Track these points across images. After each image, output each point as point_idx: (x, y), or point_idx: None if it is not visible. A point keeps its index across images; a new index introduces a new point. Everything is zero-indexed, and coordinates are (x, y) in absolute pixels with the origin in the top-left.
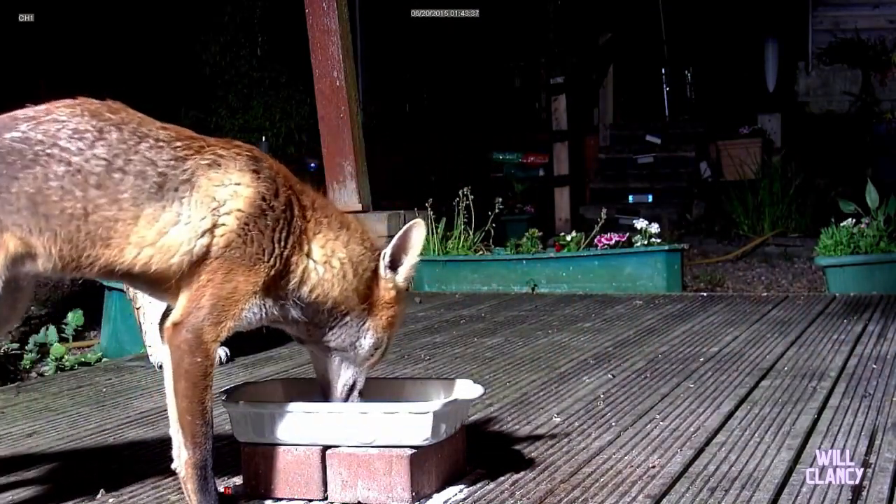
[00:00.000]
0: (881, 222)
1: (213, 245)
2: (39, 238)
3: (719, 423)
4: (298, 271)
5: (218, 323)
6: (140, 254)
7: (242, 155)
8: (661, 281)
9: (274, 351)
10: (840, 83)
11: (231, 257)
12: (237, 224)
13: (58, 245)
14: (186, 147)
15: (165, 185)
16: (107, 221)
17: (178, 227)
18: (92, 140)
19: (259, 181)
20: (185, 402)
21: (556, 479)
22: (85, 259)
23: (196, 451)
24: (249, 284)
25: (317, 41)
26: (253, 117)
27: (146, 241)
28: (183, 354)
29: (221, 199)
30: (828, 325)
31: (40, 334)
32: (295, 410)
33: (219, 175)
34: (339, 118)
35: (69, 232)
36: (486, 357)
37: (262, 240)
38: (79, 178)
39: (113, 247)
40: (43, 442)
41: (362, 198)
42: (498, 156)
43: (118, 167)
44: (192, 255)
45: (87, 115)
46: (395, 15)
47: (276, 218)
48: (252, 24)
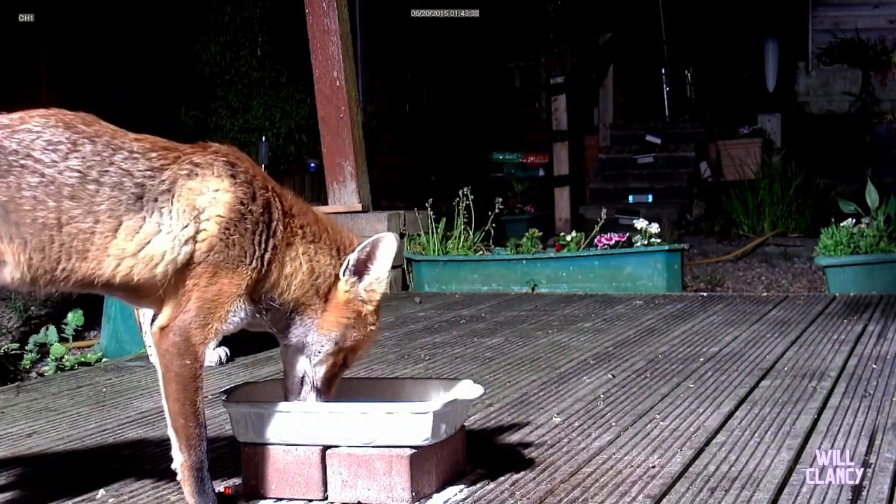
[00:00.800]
0: (881, 222)
1: (197, 251)
2: (9, 245)
3: (719, 423)
4: (273, 277)
5: (205, 325)
6: (120, 265)
7: (219, 161)
8: (661, 281)
9: (274, 351)
10: (840, 83)
11: (214, 261)
12: (218, 229)
13: (27, 253)
14: (162, 157)
15: (144, 196)
16: (82, 233)
17: (160, 236)
18: (66, 152)
19: (236, 185)
20: (177, 406)
21: (556, 479)
22: (60, 272)
23: (191, 453)
24: (234, 286)
25: (317, 41)
26: (253, 117)
27: (127, 252)
28: (172, 358)
29: (202, 207)
30: (828, 325)
31: (40, 334)
32: (295, 410)
33: (197, 184)
34: (339, 118)
35: (41, 241)
36: (486, 357)
37: (244, 242)
38: (52, 188)
39: (90, 259)
40: (43, 442)
41: (362, 198)
42: (498, 156)
43: (93, 178)
44: (177, 263)
45: (62, 126)
46: (395, 15)
47: (256, 221)
48: (252, 24)
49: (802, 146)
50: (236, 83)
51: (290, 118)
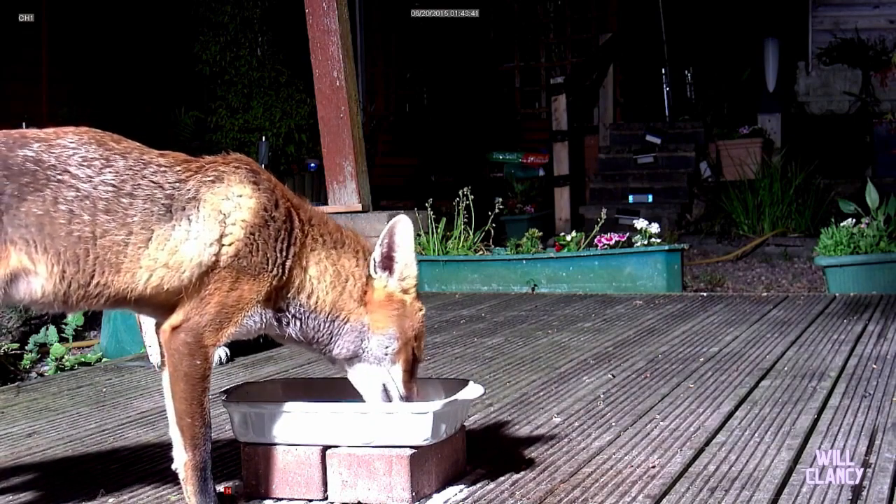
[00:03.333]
0: (881, 222)
1: (222, 255)
2: (43, 256)
3: (719, 423)
4: (296, 283)
5: (220, 329)
6: (152, 276)
7: (241, 168)
8: (661, 281)
9: (274, 351)
10: (840, 83)
11: (238, 266)
12: (244, 233)
13: (60, 266)
14: (186, 169)
15: (173, 206)
16: (116, 245)
17: (188, 243)
18: (100, 167)
19: (260, 192)
20: (183, 405)
21: (556, 479)
22: (94, 287)
23: (195, 452)
24: (253, 293)
25: (317, 41)
26: (253, 117)
27: (158, 262)
28: (182, 357)
29: (227, 211)
30: (828, 325)
31: (40, 334)
32: (295, 410)
33: (222, 189)
34: (339, 118)
35: (75, 254)
36: (486, 357)
37: (266, 249)
38: (87, 202)
39: (124, 271)
40: (43, 442)
41: (362, 198)
42: (498, 156)
43: (126, 192)
44: (203, 266)
45: (94, 143)
46: (395, 15)
47: (278, 228)
48: (252, 24)
49: (802, 146)
50: (236, 83)
51: (290, 118)
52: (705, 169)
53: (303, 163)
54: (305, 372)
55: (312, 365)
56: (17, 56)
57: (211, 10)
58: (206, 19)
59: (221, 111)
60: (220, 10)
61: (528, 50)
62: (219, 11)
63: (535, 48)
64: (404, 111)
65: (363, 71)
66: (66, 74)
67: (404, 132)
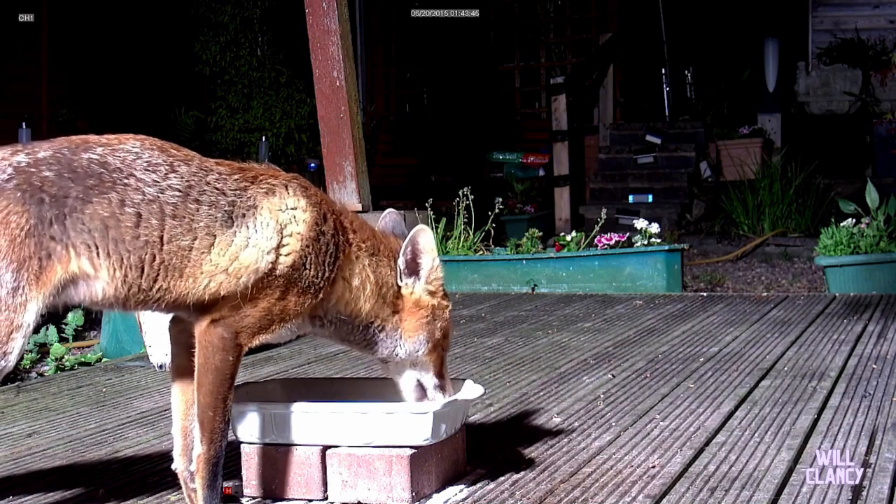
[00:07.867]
0: (881, 222)
1: (279, 264)
2: (106, 260)
3: (719, 423)
4: (339, 293)
5: (258, 333)
6: (211, 282)
7: (293, 183)
8: (661, 281)
9: (274, 351)
10: (840, 83)
11: (290, 277)
12: (300, 245)
13: (123, 270)
14: (243, 178)
15: (234, 213)
16: (182, 251)
17: (248, 250)
18: (165, 172)
19: (311, 206)
20: (209, 398)
21: (556, 479)
22: (156, 291)
23: (211, 447)
24: (299, 306)
25: (317, 41)
26: (253, 117)
27: (219, 267)
28: (216, 351)
29: (283, 223)
30: (828, 325)
31: (40, 334)
32: (295, 410)
33: (277, 200)
34: (339, 118)
35: (140, 259)
36: (486, 357)
37: (317, 263)
38: (154, 206)
39: (186, 276)
40: (43, 442)
41: (362, 198)
42: (498, 156)
43: (193, 198)
44: (259, 273)
45: (156, 149)
46: (395, 15)
47: (327, 242)
48: (252, 24)
49: (802, 146)
50: (236, 83)
51: (290, 118)
52: (705, 169)
53: (303, 163)
54: (305, 372)
55: (312, 365)
56: (17, 56)
57: (211, 10)
58: (206, 19)
59: (221, 111)
60: (220, 10)
61: (528, 50)
62: (219, 11)
63: (535, 48)
64: (404, 111)
65: (363, 71)
66: (66, 74)
67: (404, 132)
